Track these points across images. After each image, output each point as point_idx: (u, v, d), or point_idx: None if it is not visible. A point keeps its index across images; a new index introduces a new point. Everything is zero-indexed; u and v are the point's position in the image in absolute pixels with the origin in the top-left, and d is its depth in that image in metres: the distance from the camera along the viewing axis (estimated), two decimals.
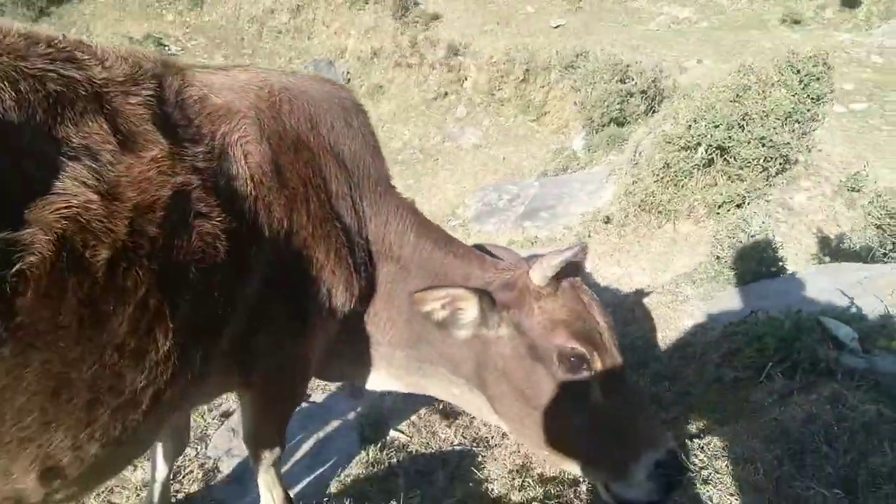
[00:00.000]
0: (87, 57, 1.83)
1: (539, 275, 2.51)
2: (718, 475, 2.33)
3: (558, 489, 2.91)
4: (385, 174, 2.79)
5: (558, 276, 2.53)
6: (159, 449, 3.08)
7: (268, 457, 2.94)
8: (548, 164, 11.99)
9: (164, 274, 1.75)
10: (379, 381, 3.06)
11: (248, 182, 2.13)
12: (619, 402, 2.47)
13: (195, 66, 2.35)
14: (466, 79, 15.14)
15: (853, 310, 3.50)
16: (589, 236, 7.90)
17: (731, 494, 2.17)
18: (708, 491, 2.26)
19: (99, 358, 1.64)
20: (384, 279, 2.78)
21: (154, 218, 1.73)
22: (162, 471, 3.13)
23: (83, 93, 1.71)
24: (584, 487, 2.90)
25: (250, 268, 2.13)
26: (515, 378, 2.55)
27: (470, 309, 2.50)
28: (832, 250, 6.53)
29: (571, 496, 2.84)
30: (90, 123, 1.68)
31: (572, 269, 2.75)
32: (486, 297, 2.51)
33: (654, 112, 11.52)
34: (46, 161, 1.56)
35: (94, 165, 1.64)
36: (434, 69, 15.16)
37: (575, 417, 2.49)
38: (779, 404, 2.73)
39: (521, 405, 2.57)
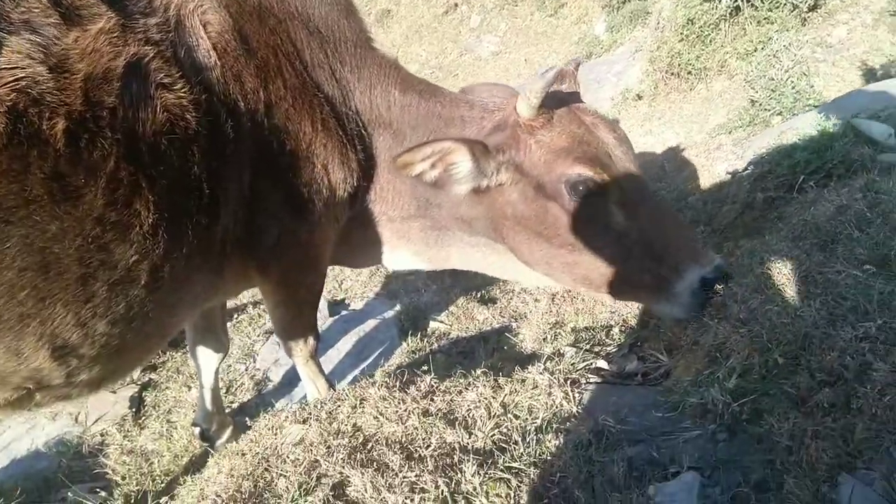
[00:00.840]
0: None
1: (524, 106, 2.33)
2: (743, 278, 2.21)
3: (590, 334, 2.85)
4: (363, 34, 2.62)
5: (550, 103, 2.37)
6: (199, 352, 3.17)
7: (303, 348, 2.98)
8: (571, 55, 11.46)
9: (133, 145, 1.75)
10: (402, 259, 2.99)
11: (212, 52, 2.08)
12: (647, 220, 2.29)
13: None
14: None
15: (889, 111, 3.22)
16: (619, 114, 7.58)
17: (755, 291, 2.06)
18: (731, 288, 2.15)
19: (81, 231, 1.67)
20: (382, 148, 2.67)
21: (110, 89, 1.72)
22: (208, 377, 3.23)
23: None
24: (616, 330, 2.83)
25: (231, 141, 2.09)
26: (531, 222, 2.42)
27: (462, 161, 2.34)
28: (878, 78, 6.04)
29: (603, 337, 2.78)
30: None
31: (572, 95, 2.58)
32: (476, 144, 2.35)
33: None
34: None
35: (37, 39, 1.63)
36: None
37: (602, 246, 2.33)
38: (809, 207, 2.56)
39: (545, 248, 2.45)
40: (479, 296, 4.50)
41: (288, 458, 2.23)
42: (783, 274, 2.09)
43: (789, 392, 1.76)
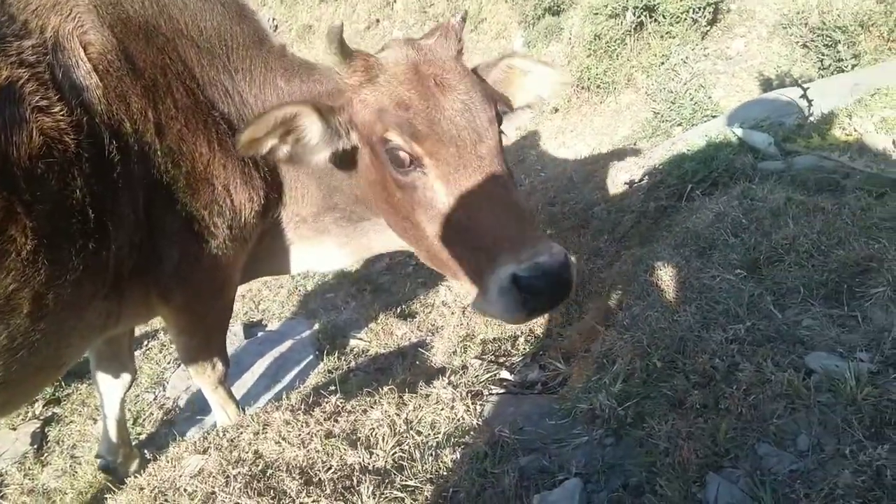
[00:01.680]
0: None
1: (332, 60, 2.09)
2: (628, 286, 2.30)
3: (496, 345, 2.90)
4: (255, 34, 2.45)
5: (389, 59, 2.12)
6: (103, 381, 3.04)
7: (210, 375, 2.89)
8: None
9: (6, 170, 1.69)
10: (328, 255, 2.81)
11: (92, 74, 2.01)
12: (473, 200, 1.97)
13: None
14: (395, 1, 14.56)
15: (771, 121, 3.43)
16: (537, 126, 7.77)
17: (639, 297, 2.14)
18: (611, 303, 2.23)
19: None
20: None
21: None
22: (112, 406, 3.09)
23: None
24: (521, 339, 2.89)
25: (117, 164, 2.02)
26: (378, 188, 2.22)
27: (309, 124, 2.10)
28: (773, 87, 6.43)
29: (509, 347, 2.83)
30: None
31: (436, 52, 2.19)
32: (319, 103, 2.11)
33: None
34: None
35: None
36: None
37: (429, 222, 2.07)
38: (693, 215, 2.69)
39: (395, 218, 2.24)
40: (398, 311, 4.51)
41: (185, 490, 2.17)
42: (664, 280, 2.19)
43: (668, 394, 1.84)
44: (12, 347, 1.83)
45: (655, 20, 7.02)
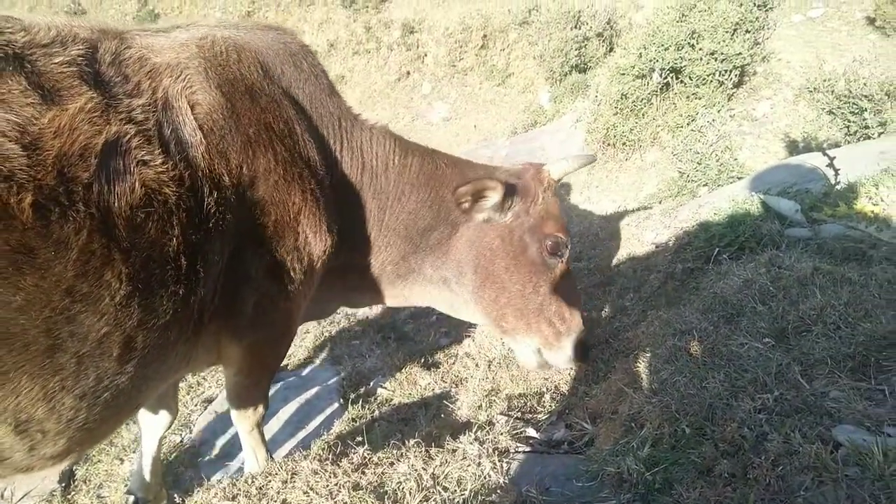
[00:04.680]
0: (9, 26, 1.87)
1: (558, 170, 3.07)
2: (657, 349, 2.33)
3: (522, 401, 2.92)
4: (345, 109, 2.83)
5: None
6: (146, 419, 3.10)
7: (251, 417, 2.97)
8: (518, 122, 11.92)
9: (108, 219, 1.78)
10: (367, 299, 3.35)
11: (197, 131, 2.15)
12: (566, 287, 2.96)
13: (135, 30, 2.36)
14: (426, 55, 14.98)
15: (797, 187, 3.49)
16: (559, 180, 7.86)
17: (666, 362, 2.18)
18: (639, 365, 2.27)
19: (48, 303, 1.66)
20: (373, 207, 2.90)
21: (86, 165, 1.76)
22: (151, 444, 3.14)
23: (1, 55, 1.75)
24: (547, 397, 2.92)
25: (213, 214, 2.13)
26: (505, 256, 2.94)
27: (493, 196, 2.85)
28: (799, 150, 6.49)
29: (535, 404, 2.85)
30: (9, 82, 1.72)
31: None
32: (508, 187, 2.87)
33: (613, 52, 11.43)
34: None
35: (13, 119, 1.68)
36: (392, 50, 15.00)
37: (539, 293, 2.92)
38: (720, 279, 2.73)
39: (500, 284, 2.95)
40: (423, 360, 4.54)
41: None
42: (693, 345, 2.22)
43: (696, 462, 1.86)
44: (98, 390, 1.87)
45: (682, 82, 7.17)
